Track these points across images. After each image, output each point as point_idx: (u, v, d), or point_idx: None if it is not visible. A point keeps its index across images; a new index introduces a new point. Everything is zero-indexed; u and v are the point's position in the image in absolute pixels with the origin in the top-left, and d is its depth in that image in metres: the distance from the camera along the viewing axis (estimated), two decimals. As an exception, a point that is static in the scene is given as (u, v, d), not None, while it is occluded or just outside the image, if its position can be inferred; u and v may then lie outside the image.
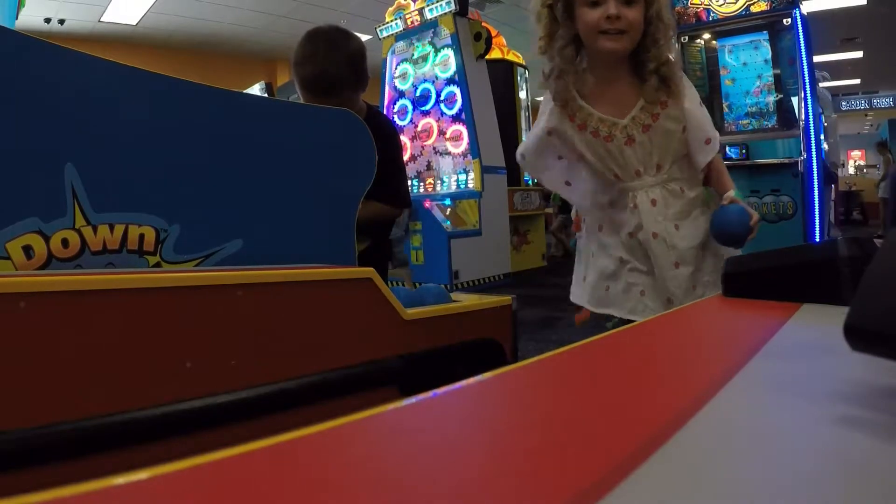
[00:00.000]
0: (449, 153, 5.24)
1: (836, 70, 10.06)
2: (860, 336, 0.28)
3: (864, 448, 0.24)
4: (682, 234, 1.16)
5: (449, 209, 4.85)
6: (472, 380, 0.35)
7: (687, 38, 4.26)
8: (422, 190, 5.31)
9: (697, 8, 4.14)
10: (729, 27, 4.09)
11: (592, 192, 1.25)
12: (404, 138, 5.49)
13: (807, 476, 0.22)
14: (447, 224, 4.58)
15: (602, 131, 1.14)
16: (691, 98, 1.17)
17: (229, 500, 0.20)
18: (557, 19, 1.11)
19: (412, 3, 5.26)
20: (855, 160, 15.70)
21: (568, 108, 1.16)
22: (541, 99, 1.27)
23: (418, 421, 0.29)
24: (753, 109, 4.14)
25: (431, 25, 5.09)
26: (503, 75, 5.77)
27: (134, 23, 7.36)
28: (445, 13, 4.91)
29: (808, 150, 3.64)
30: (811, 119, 3.69)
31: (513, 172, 5.25)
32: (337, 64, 1.42)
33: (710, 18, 4.12)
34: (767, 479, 0.21)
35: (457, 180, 5.07)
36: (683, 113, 1.15)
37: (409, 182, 5.41)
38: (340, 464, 0.23)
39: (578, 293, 1.33)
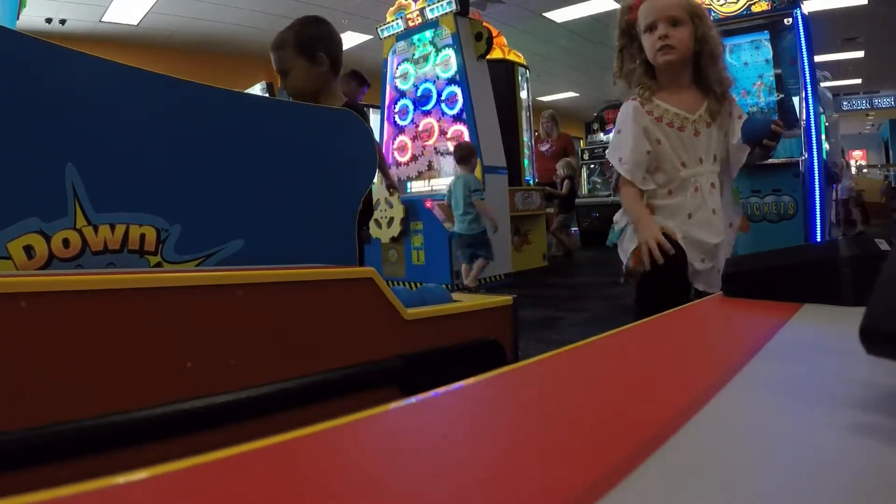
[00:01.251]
0: (450, 153, 5.25)
1: (838, 70, 10.04)
2: (877, 339, 0.27)
3: (865, 450, 0.24)
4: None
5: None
6: (472, 380, 0.35)
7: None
8: (424, 189, 5.31)
9: (698, 8, 4.13)
10: (730, 27, 4.08)
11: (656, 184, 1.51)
12: (405, 138, 5.49)
13: (806, 477, 0.22)
14: (448, 224, 4.58)
15: (676, 122, 1.45)
16: (740, 114, 1.49)
17: (229, 500, 0.20)
18: (625, 58, 1.51)
19: (413, 3, 5.26)
20: (856, 160, 15.68)
21: (646, 106, 1.47)
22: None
23: (418, 421, 0.29)
24: (754, 109, 4.13)
25: (432, 25, 5.08)
26: (504, 75, 5.77)
27: (135, 23, 7.36)
28: (446, 13, 4.90)
29: (810, 150, 3.63)
30: (812, 119, 3.69)
31: (513, 172, 5.24)
32: (289, 29, 1.65)
33: (711, 18, 4.11)
34: (766, 481, 0.21)
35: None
36: (732, 124, 1.48)
37: (408, 182, 5.41)
38: (340, 464, 0.23)
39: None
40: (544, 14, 8.09)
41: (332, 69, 1.64)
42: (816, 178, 3.63)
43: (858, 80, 12.02)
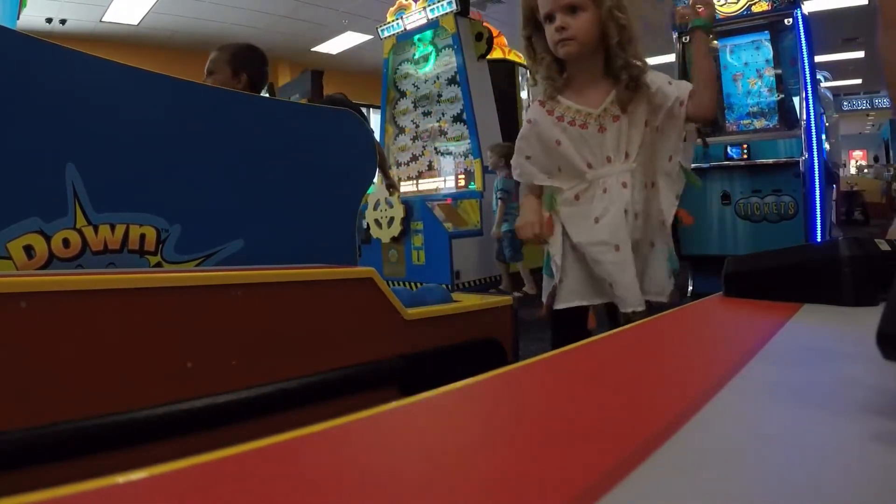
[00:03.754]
0: (450, 153, 5.24)
1: (838, 70, 10.04)
2: (895, 344, 0.27)
3: (865, 451, 0.24)
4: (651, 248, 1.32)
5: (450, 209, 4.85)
6: (472, 380, 0.35)
7: (688, 38, 4.26)
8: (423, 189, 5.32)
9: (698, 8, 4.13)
10: (730, 27, 4.07)
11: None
12: (405, 138, 5.48)
13: (805, 477, 0.22)
14: (448, 224, 4.58)
15: (578, 120, 1.29)
16: (656, 77, 1.27)
17: (229, 500, 0.20)
18: (535, 50, 1.32)
19: (413, 3, 5.26)
20: (856, 160, 15.67)
21: (548, 105, 1.32)
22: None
23: (418, 421, 0.29)
24: (755, 109, 4.13)
25: (433, 25, 5.08)
26: (504, 75, 5.76)
27: (135, 23, 7.36)
28: (447, 13, 4.90)
29: (810, 150, 3.63)
30: (812, 119, 3.68)
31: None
32: (235, 45, 2.01)
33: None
34: (765, 481, 0.21)
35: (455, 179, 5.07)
36: (651, 96, 1.26)
37: (408, 182, 5.41)
38: (340, 464, 0.23)
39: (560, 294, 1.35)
40: (544, 14, 8.08)
41: (250, 87, 1.92)
42: (816, 178, 3.62)
43: (858, 81, 12.01)
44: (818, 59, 4.14)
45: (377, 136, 5.31)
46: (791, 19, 3.81)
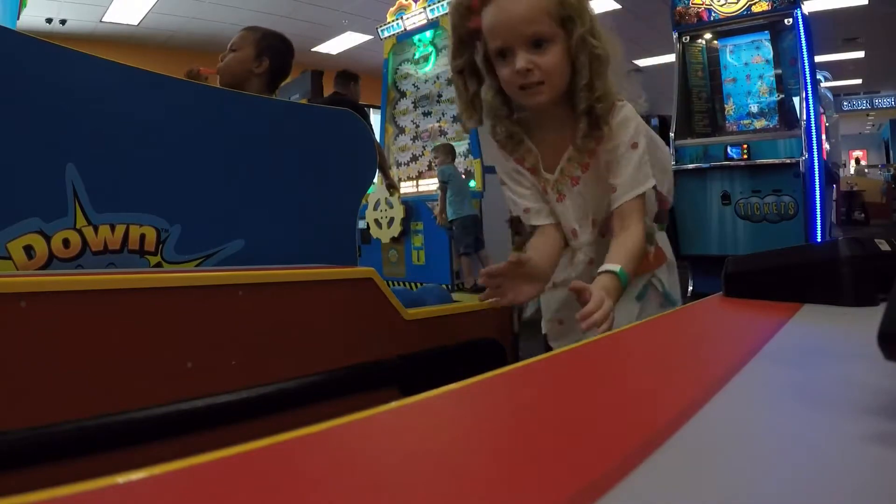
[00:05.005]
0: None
1: (838, 70, 10.04)
2: None
3: (865, 451, 0.24)
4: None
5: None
6: (472, 380, 0.35)
7: (688, 38, 4.26)
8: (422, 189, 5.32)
9: (699, 8, 4.13)
10: (730, 27, 4.08)
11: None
12: (406, 138, 5.48)
13: (804, 477, 0.22)
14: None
15: (540, 181, 1.02)
16: (624, 135, 0.94)
17: (229, 500, 0.20)
18: (468, 85, 0.98)
19: (413, 3, 5.26)
20: (857, 160, 15.67)
21: (514, 153, 1.02)
22: None
23: (418, 421, 0.29)
24: (755, 109, 4.13)
25: (433, 25, 5.08)
26: (504, 75, 5.76)
27: (135, 23, 7.35)
28: (447, 13, 4.91)
29: (810, 151, 3.63)
30: (812, 119, 3.68)
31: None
32: (266, 29, 1.92)
33: (711, 18, 4.11)
34: (765, 481, 0.21)
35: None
36: (606, 148, 0.94)
37: (408, 182, 5.41)
38: (340, 464, 0.23)
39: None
40: (544, 14, 8.08)
41: (268, 74, 1.85)
42: (816, 178, 3.62)
43: (858, 81, 12.02)
44: (818, 59, 4.14)
45: (377, 136, 5.32)
46: (791, 19, 3.81)
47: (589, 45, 0.89)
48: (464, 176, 4.62)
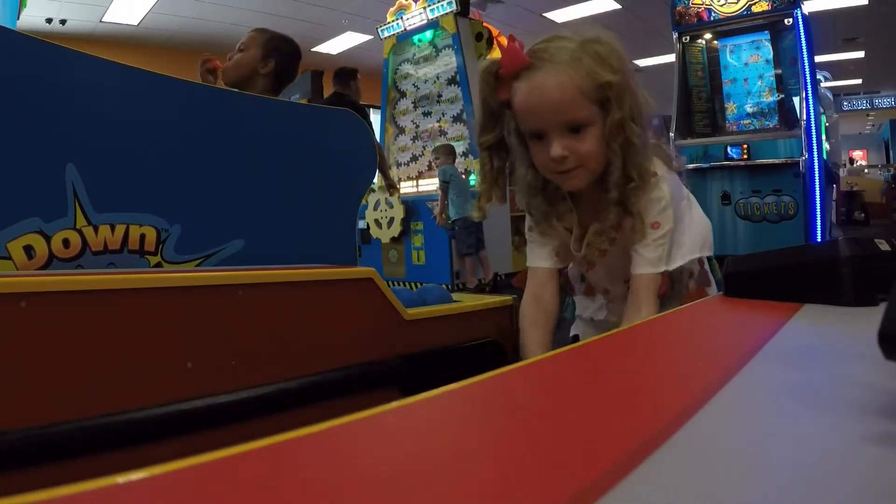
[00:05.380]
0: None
1: (838, 70, 10.04)
2: None
3: (865, 451, 0.24)
4: None
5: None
6: (472, 380, 0.35)
7: (688, 38, 4.26)
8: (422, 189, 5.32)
9: (699, 8, 4.13)
10: (730, 27, 4.08)
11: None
12: (406, 138, 5.49)
13: (804, 477, 0.22)
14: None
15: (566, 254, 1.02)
16: (647, 215, 0.90)
17: (229, 500, 0.20)
18: (494, 161, 0.95)
19: (413, 3, 5.26)
20: (856, 160, 15.67)
21: (547, 233, 1.00)
22: None
23: (418, 421, 0.29)
24: (755, 109, 4.13)
25: (433, 26, 5.09)
26: (504, 75, 5.76)
27: (135, 23, 7.36)
28: (447, 13, 4.90)
29: (810, 151, 3.63)
30: (812, 119, 3.69)
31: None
32: (273, 31, 1.93)
33: (712, 18, 4.11)
34: (764, 481, 0.21)
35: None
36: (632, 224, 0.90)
37: (408, 182, 5.41)
38: (340, 464, 0.23)
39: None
40: (544, 14, 8.08)
41: (274, 76, 1.86)
42: (816, 178, 3.62)
43: (858, 81, 12.02)
44: (818, 59, 4.15)
45: (377, 136, 5.32)
46: (791, 19, 3.81)
47: (628, 130, 0.83)
48: (463, 176, 4.62)
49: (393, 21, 5.46)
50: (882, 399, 0.30)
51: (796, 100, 3.84)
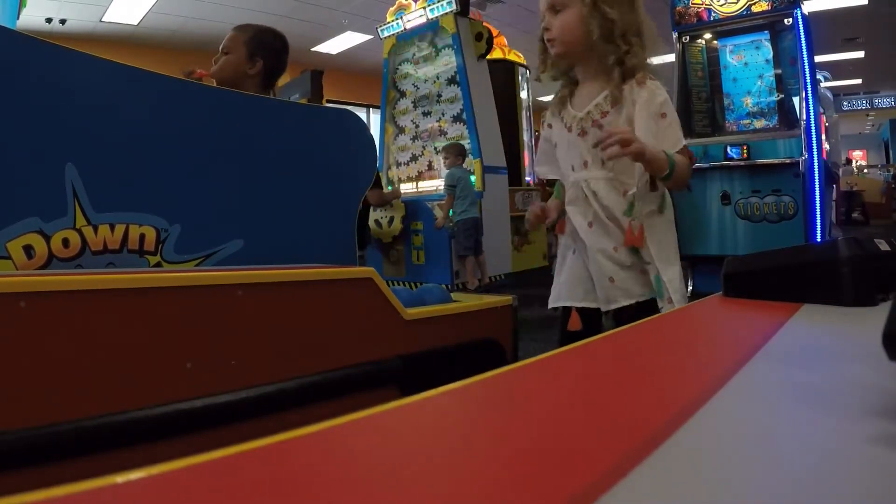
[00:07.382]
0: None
1: (838, 70, 10.04)
2: None
3: (864, 451, 0.24)
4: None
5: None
6: (471, 380, 0.35)
7: (688, 37, 4.26)
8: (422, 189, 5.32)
9: (698, 8, 4.13)
10: (730, 27, 4.08)
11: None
12: (405, 138, 5.48)
13: (804, 477, 0.22)
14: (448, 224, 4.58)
15: (567, 121, 1.27)
16: (645, 105, 1.14)
17: (229, 499, 0.20)
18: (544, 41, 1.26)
19: (413, 3, 5.26)
20: (856, 160, 15.68)
21: (555, 108, 1.31)
22: (542, 99, 1.40)
23: (418, 421, 0.29)
24: (754, 109, 4.13)
25: (433, 25, 5.08)
26: (504, 75, 5.76)
27: (135, 23, 7.35)
28: (446, 13, 4.90)
29: (810, 150, 3.63)
30: (812, 119, 3.68)
31: (513, 172, 5.24)
32: (255, 26, 1.87)
33: (711, 18, 4.11)
34: (764, 481, 0.21)
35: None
36: (633, 119, 1.14)
37: (408, 182, 5.41)
38: (340, 464, 0.23)
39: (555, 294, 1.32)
40: (544, 14, 8.09)
41: (263, 74, 1.81)
42: (816, 178, 3.62)
43: (858, 81, 12.02)
44: (818, 59, 4.15)
45: (377, 136, 5.32)
46: (791, 19, 3.81)
47: (601, 10, 1.13)
48: (464, 176, 4.61)
49: (393, 21, 5.45)
50: (882, 399, 0.30)
51: (796, 100, 3.83)
